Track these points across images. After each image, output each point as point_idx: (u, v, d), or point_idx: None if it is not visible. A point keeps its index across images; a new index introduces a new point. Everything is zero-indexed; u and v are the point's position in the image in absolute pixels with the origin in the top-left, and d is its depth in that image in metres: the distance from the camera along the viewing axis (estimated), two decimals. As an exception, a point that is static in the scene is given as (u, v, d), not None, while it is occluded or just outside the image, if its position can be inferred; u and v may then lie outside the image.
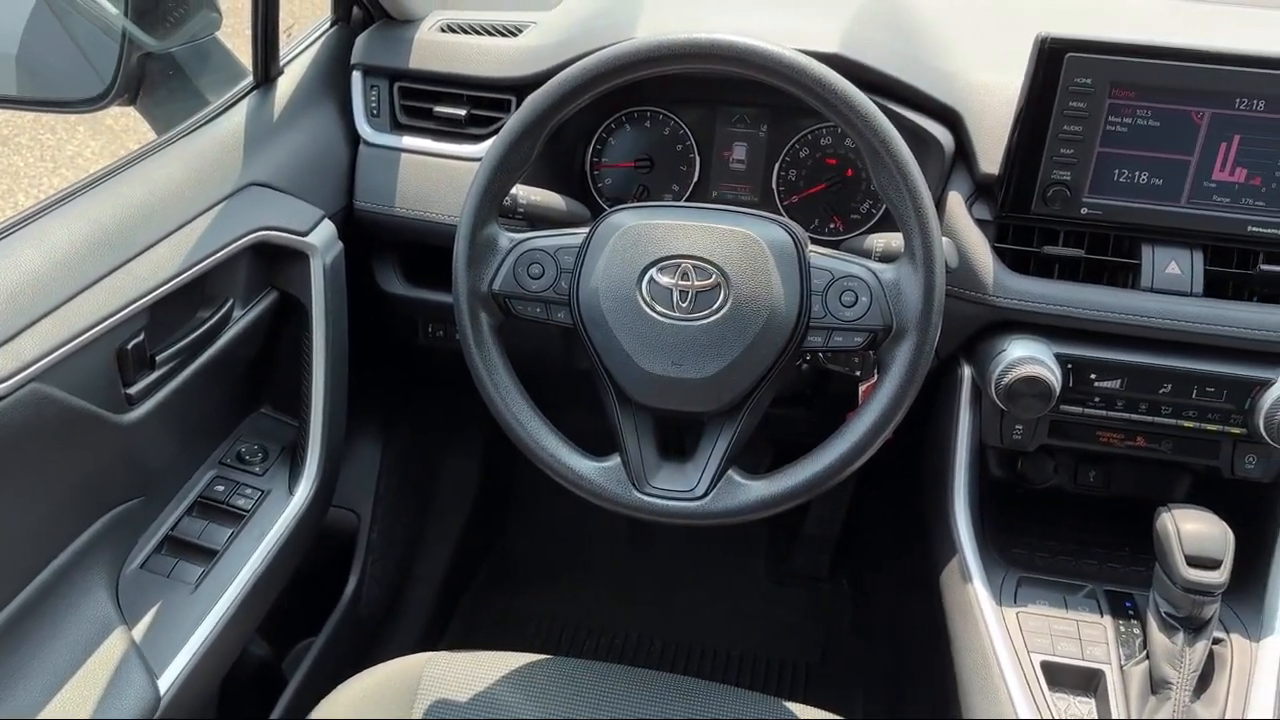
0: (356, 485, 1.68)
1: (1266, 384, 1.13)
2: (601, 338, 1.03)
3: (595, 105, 1.12)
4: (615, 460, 1.06)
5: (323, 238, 1.28)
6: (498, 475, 2.01)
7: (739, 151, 1.36)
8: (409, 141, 1.37)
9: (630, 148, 1.38)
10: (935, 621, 1.22)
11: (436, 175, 1.34)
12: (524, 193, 1.17)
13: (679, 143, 1.37)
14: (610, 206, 1.08)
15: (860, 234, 1.27)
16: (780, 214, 1.30)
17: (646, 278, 1.02)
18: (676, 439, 1.11)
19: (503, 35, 1.38)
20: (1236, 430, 1.16)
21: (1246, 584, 1.16)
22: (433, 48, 1.38)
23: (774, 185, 1.36)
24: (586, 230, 1.06)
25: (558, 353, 1.39)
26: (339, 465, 1.38)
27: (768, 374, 1.03)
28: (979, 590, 1.15)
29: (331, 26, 1.46)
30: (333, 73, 1.42)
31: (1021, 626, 1.11)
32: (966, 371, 1.25)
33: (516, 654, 1.13)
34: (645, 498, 1.05)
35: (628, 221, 1.04)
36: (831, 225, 1.36)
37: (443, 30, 1.41)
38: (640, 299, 1.02)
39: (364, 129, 1.39)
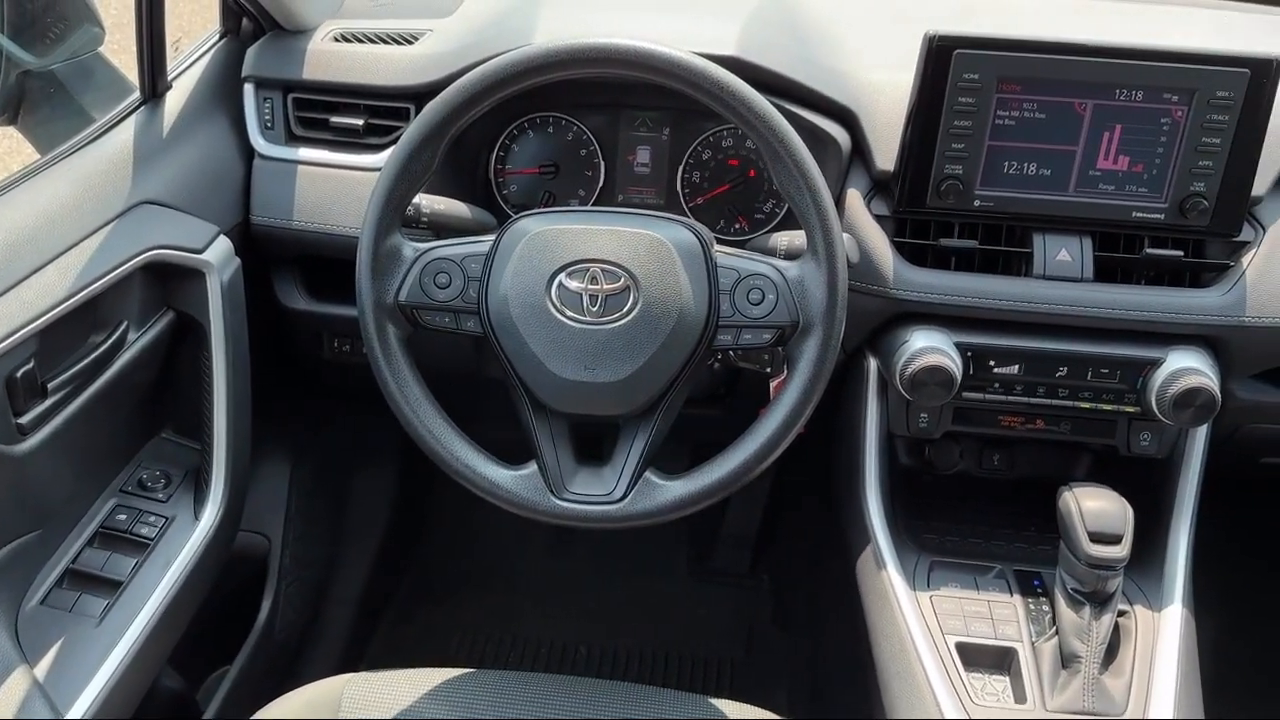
0: (266, 508, 1.64)
1: (1156, 363, 1.18)
2: (513, 345, 1.03)
3: (497, 111, 1.11)
4: (532, 467, 1.06)
5: (219, 255, 1.24)
6: (414, 489, 1.98)
7: (643, 155, 1.37)
8: (305, 153, 1.34)
9: (534, 154, 1.38)
10: (853, 610, 1.24)
11: (335, 186, 1.32)
12: (427, 202, 1.16)
13: (583, 148, 1.37)
14: (516, 213, 1.08)
15: (765, 233, 1.29)
16: (686, 216, 1.31)
17: (556, 283, 1.02)
18: (593, 443, 1.10)
19: (399, 43, 1.37)
20: (1130, 409, 1.21)
21: (1146, 557, 1.21)
22: (327, 57, 1.36)
23: (679, 188, 1.37)
24: (493, 237, 1.05)
25: (469, 362, 1.37)
26: (245, 488, 1.34)
27: (680, 374, 1.04)
28: (893, 576, 1.18)
29: (221, 39, 1.43)
30: (224, 86, 1.38)
31: (935, 609, 1.14)
32: (872, 364, 1.28)
33: (439, 670, 1.12)
34: (563, 504, 1.04)
35: (535, 227, 1.04)
36: (737, 225, 1.37)
37: (337, 40, 1.38)
38: (550, 304, 1.01)
39: (258, 142, 1.36)
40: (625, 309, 1.01)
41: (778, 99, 1.15)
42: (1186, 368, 1.15)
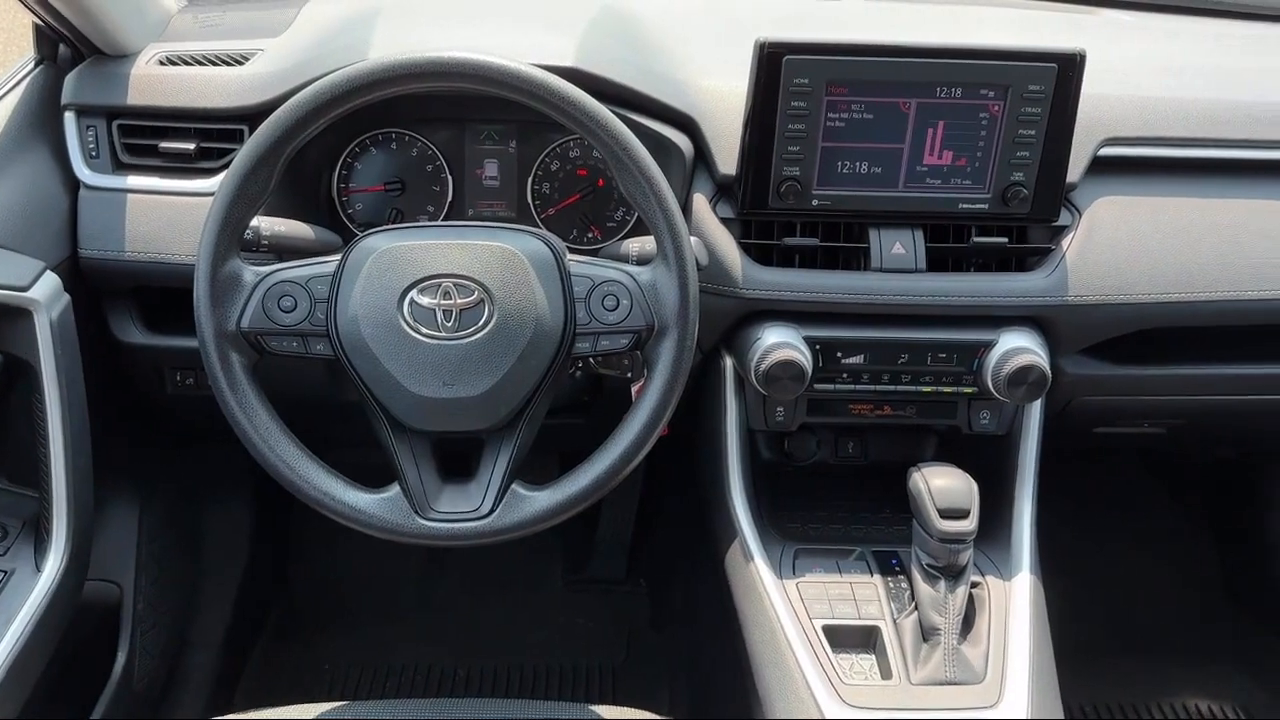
0: (114, 553, 1.56)
1: (990, 345, 1.24)
2: (366, 366, 1.01)
3: (337, 129, 1.09)
4: (394, 489, 1.04)
5: (46, 291, 1.18)
6: (273, 522, 1.92)
7: (491, 168, 1.37)
8: (134, 181, 1.29)
9: (379, 171, 1.36)
10: (725, 603, 1.27)
11: (168, 214, 1.27)
12: (266, 224, 1.13)
13: (429, 163, 1.36)
14: (362, 232, 1.06)
15: (617, 240, 1.30)
16: (538, 227, 1.32)
17: (407, 300, 1.01)
18: (457, 460, 1.10)
19: (228, 64, 1.32)
20: (969, 390, 1.28)
21: (994, 529, 1.28)
22: (152, 82, 1.30)
23: (529, 199, 1.37)
24: (338, 257, 1.03)
25: (323, 387, 1.34)
26: (91, 534, 1.27)
27: (541, 384, 1.04)
28: (760, 567, 1.21)
29: (36, 66, 1.35)
30: (42, 115, 1.31)
31: (802, 595, 1.18)
32: (729, 362, 1.31)
33: (311, 705, 1.09)
34: (429, 524, 1.03)
35: (382, 244, 1.02)
36: (590, 234, 1.39)
37: (162, 63, 1.33)
38: (403, 322, 1.00)
39: (82, 172, 1.29)
40: (481, 322, 1.01)
41: (619, 108, 1.17)
42: (1018, 347, 1.22)
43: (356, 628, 1.93)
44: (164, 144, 1.28)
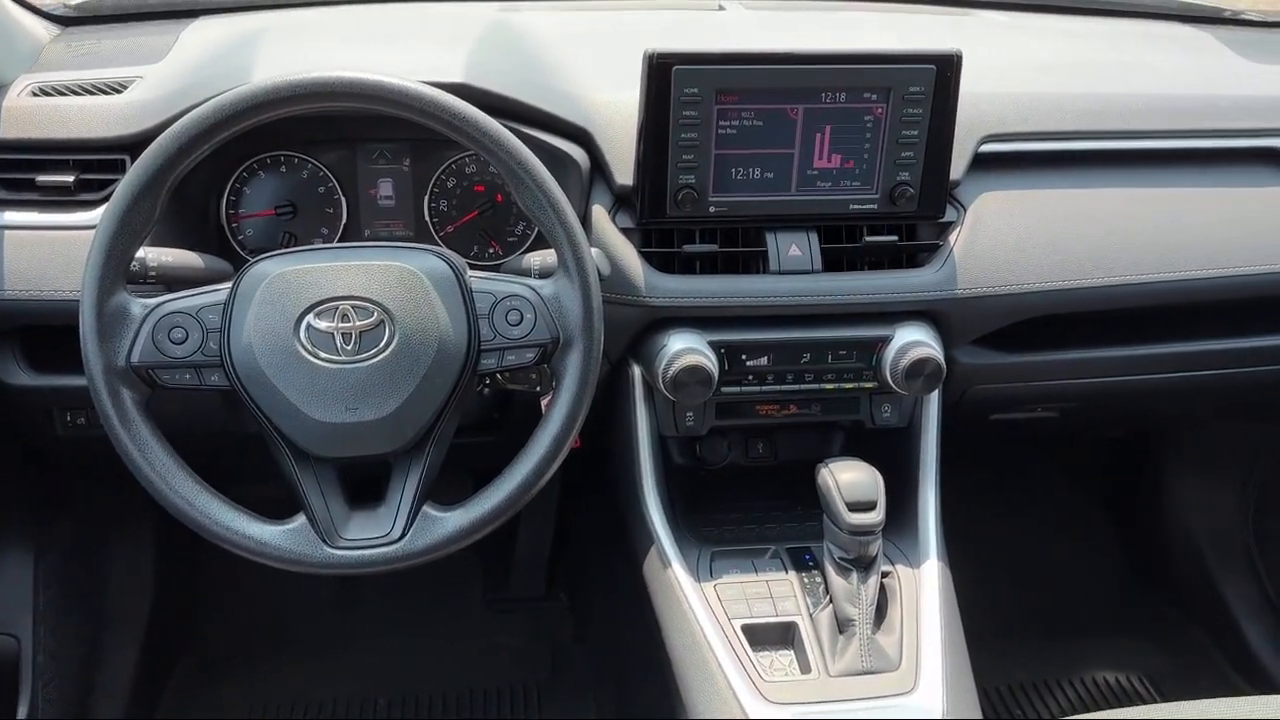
0: (10, 605, 1.49)
1: (886, 340, 1.28)
2: (264, 395, 0.99)
3: (223, 154, 1.07)
4: (300, 520, 1.02)
5: None
6: (177, 562, 1.86)
7: (385, 188, 1.35)
8: (10, 217, 1.23)
9: (269, 195, 1.33)
10: (645, 611, 1.27)
11: (48, 249, 1.22)
12: (153, 255, 1.09)
13: (321, 185, 1.34)
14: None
15: (519, 255, 1.30)
16: (438, 245, 1.31)
17: (304, 325, 0.99)
18: (364, 485, 1.08)
19: (106, 93, 1.28)
20: (869, 385, 1.31)
21: (901, 519, 1.31)
22: (26, 114, 1.26)
23: (427, 217, 1.36)
24: (230, 285, 1.01)
25: (221, 419, 1.30)
26: None
27: (448, 404, 1.03)
28: (678, 572, 1.22)
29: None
30: None
31: (720, 597, 1.19)
32: (636, 371, 1.32)
33: None
34: (338, 552, 1.01)
35: (274, 269, 1.00)
36: (491, 250, 1.38)
37: (35, 94, 1.28)
38: (300, 348, 0.98)
39: None
40: (382, 344, 1.00)
41: (513, 123, 1.17)
42: (913, 341, 1.26)
43: (271, 665, 1.88)
44: (41, 177, 1.23)
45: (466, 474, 1.78)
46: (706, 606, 1.18)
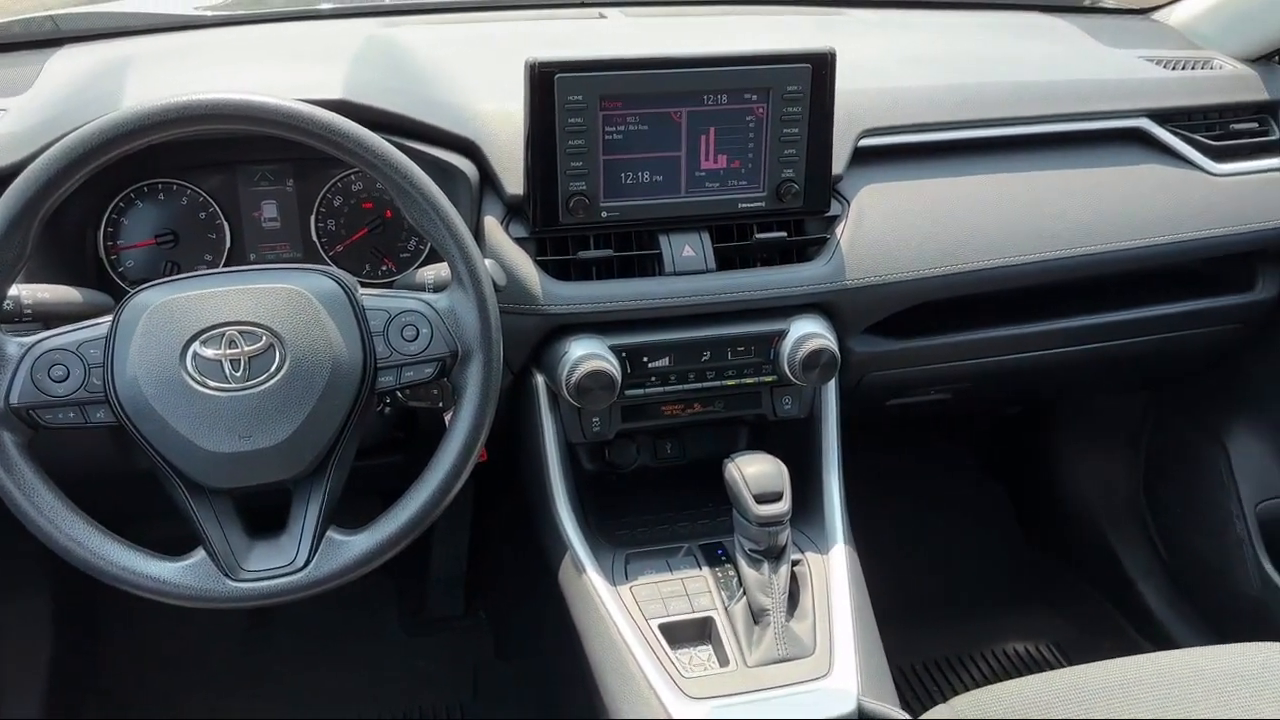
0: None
1: (782, 334, 1.30)
2: (153, 428, 0.96)
3: (98, 184, 1.04)
4: (199, 554, 0.99)
5: None
6: (76, 608, 1.78)
7: (269, 210, 1.32)
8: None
9: (148, 224, 1.29)
10: (563, 619, 1.27)
11: (-86, 293, 1.17)
12: (28, 292, 1.05)
13: (201, 211, 1.30)
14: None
15: (412, 270, 1.29)
16: (327, 265, 1.28)
17: (189, 354, 0.96)
18: (265, 515, 1.06)
19: (-33, 127, 1.23)
20: (769, 378, 1.33)
21: (807, 507, 1.34)
22: None
23: (315, 238, 1.34)
24: (110, 318, 0.98)
25: (110, 457, 1.26)
26: None
27: (346, 425, 1.02)
28: (593, 577, 1.22)
29: None
30: None
31: (636, 598, 1.20)
32: (540, 380, 1.32)
33: None
34: (241, 585, 0.99)
35: (156, 299, 0.98)
36: (384, 267, 1.36)
37: (-114, 133, 1.22)
38: (187, 378, 0.96)
39: None
40: (273, 368, 0.98)
41: (397, 138, 1.16)
42: (808, 333, 1.28)
43: (181, 706, 1.82)
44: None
45: (375, 497, 1.75)
46: (623, 609, 1.18)
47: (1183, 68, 1.62)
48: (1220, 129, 1.57)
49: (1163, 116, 1.54)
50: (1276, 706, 1.11)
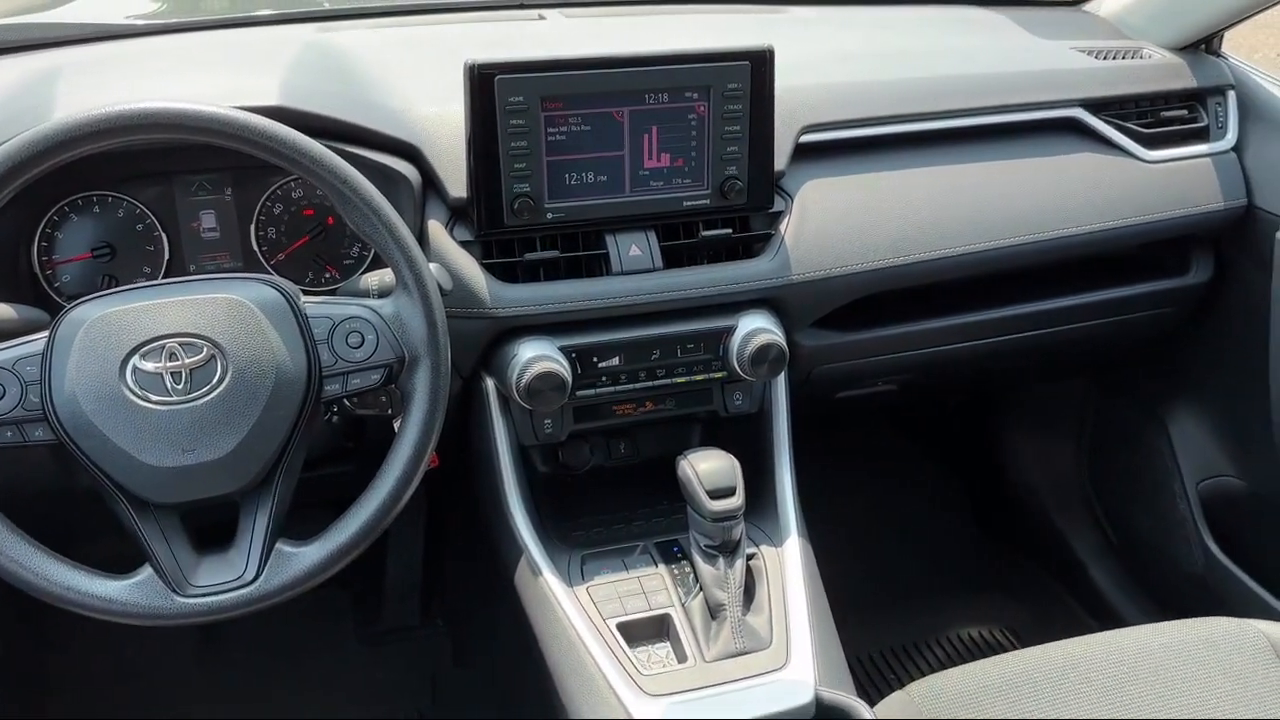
0: None
1: (731, 330, 1.31)
2: (94, 445, 0.94)
3: (30, 198, 1.01)
4: (146, 571, 0.98)
5: None
6: (22, 631, 1.74)
7: (208, 220, 1.30)
8: None
9: (84, 238, 1.26)
10: (521, 623, 1.27)
11: None
12: None
13: (138, 223, 1.28)
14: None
15: (357, 277, 1.28)
16: (269, 274, 1.27)
17: (129, 368, 0.95)
18: (213, 529, 1.04)
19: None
20: (719, 375, 1.34)
21: (761, 501, 1.35)
22: None
23: (255, 247, 1.32)
24: (47, 334, 0.96)
25: (52, 476, 1.23)
26: None
27: (292, 435, 1.01)
28: (549, 579, 1.21)
29: None
30: None
31: (593, 598, 1.19)
32: (490, 383, 1.31)
33: None
34: (190, 601, 0.97)
35: (93, 313, 0.96)
36: (327, 274, 1.35)
37: None
38: (127, 392, 0.94)
39: None
40: (215, 380, 0.97)
41: (336, 143, 1.15)
42: (756, 329, 1.29)
43: (136, 729, 1.79)
44: None
45: (328, 508, 1.73)
46: (580, 609, 1.18)
47: (1114, 58, 1.66)
48: (1151, 117, 1.61)
49: (1096, 106, 1.57)
50: (1222, 678, 1.14)
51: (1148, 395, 1.91)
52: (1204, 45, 1.70)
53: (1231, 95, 1.65)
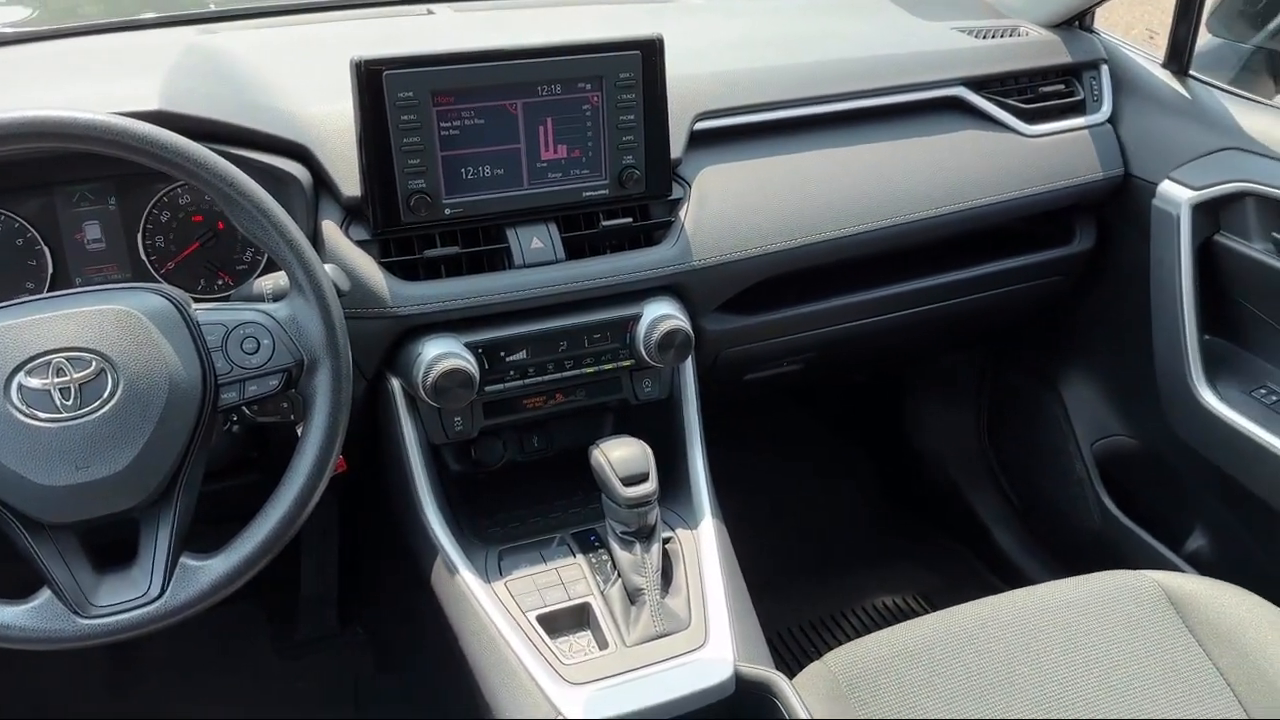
0: None
1: (637, 318, 1.32)
2: None
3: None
4: (45, 594, 0.94)
5: None
6: None
7: (93, 231, 1.26)
8: None
9: None
10: (440, 623, 1.26)
11: None
12: None
13: (18, 237, 1.23)
14: None
15: (250, 282, 1.25)
16: (159, 284, 1.23)
17: (14, 386, 0.91)
18: (114, 547, 1.01)
19: None
20: (627, 363, 1.35)
21: (674, 486, 1.36)
22: None
23: (143, 256, 1.28)
24: (-80, 355, 0.92)
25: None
26: None
27: (190, 446, 0.98)
28: (466, 577, 1.21)
29: None
30: None
31: (511, 592, 1.19)
32: (396, 383, 1.30)
33: None
34: (93, 621, 0.94)
35: None
36: (220, 281, 1.32)
37: None
38: (14, 411, 0.91)
39: None
40: (106, 394, 0.94)
41: (221, 146, 1.12)
42: (661, 315, 1.31)
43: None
44: None
45: (236, 520, 1.69)
46: (498, 604, 1.18)
47: (993, 36, 1.71)
48: (1030, 93, 1.67)
49: (977, 84, 1.62)
50: (1121, 628, 1.20)
51: (1041, 362, 1.98)
52: (1077, 22, 1.77)
53: (1105, 69, 1.72)
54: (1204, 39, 1.66)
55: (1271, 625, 1.17)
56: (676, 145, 1.36)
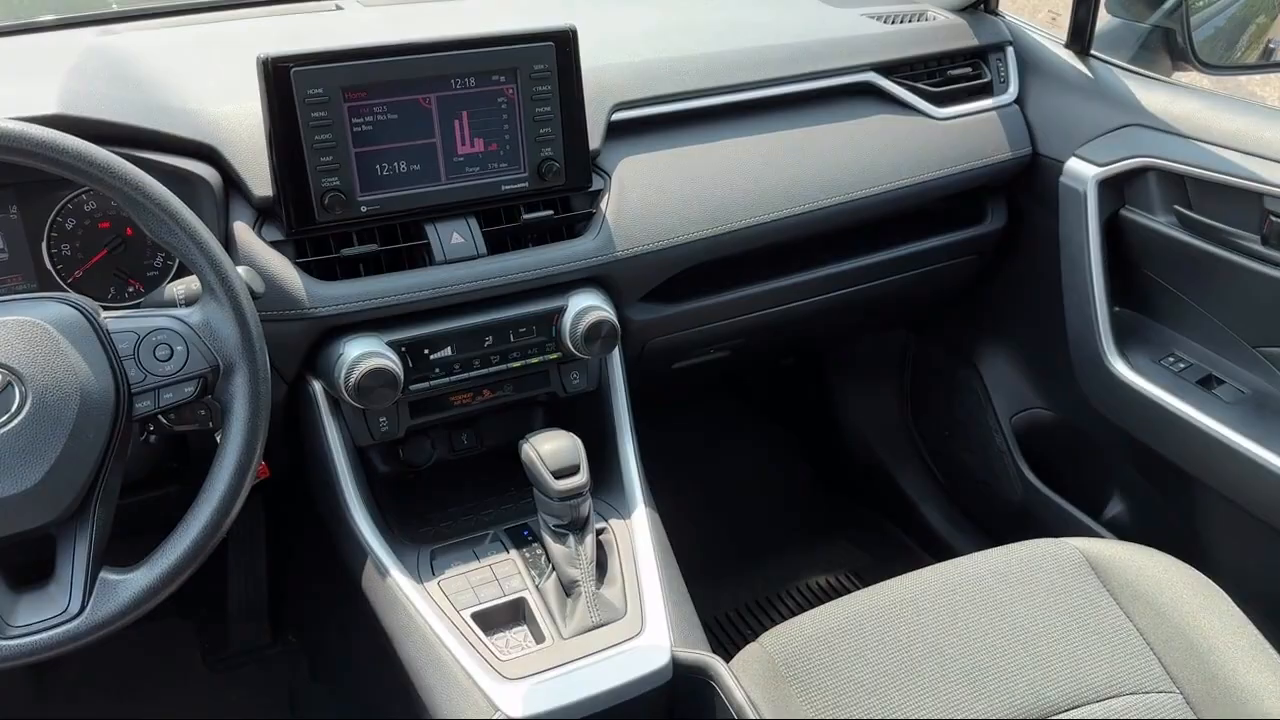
0: None
1: (562, 310, 1.32)
2: None
3: None
4: (-43, 617, 0.91)
5: None
6: None
7: None
8: None
9: None
10: (374, 626, 1.24)
11: None
12: None
13: (-88, 250, 1.18)
14: None
15: (161, 288, 1.22)
16: (67, 293, 1.19)
17: None
18: (31, 565, 0.98)
19: None
20: (554, 355, 1.34)
21: (606, 477, 1.36)
22: None
23: (49, 265, 1.24)
24: None
25: None
26: None
27: (105, 458, 0.95)
28: (398, 579, 1.20)
29: None
30: None
31: (445, 592, 1.19)
32: (317, 385, 1.28)
33: None
34: (11, 643, 0.91)
35: None
36: (131, 288, 1.28)
37: None
38: None
39: None
40: (14, 409, 0.90)
41: (125, 149, 1.09)
42: (586, 307, 1.30)
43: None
44: None
45: (159, 531, 1.64)
46: (432, 604, 1.17)
47: (901, 22, 1.74)
48: (939, 76, 1.70)
49: (887, 69, 1.65)
50: (1045, 594, 1.23)
51: (959, 339, 2.03)
52: (983, 5, 1.80)
53: (1010, 51, 1.76)
54: (1104, 19, 1.70)
55: (1186, 584, 1.22)
56: (595, 136, 1.36)
